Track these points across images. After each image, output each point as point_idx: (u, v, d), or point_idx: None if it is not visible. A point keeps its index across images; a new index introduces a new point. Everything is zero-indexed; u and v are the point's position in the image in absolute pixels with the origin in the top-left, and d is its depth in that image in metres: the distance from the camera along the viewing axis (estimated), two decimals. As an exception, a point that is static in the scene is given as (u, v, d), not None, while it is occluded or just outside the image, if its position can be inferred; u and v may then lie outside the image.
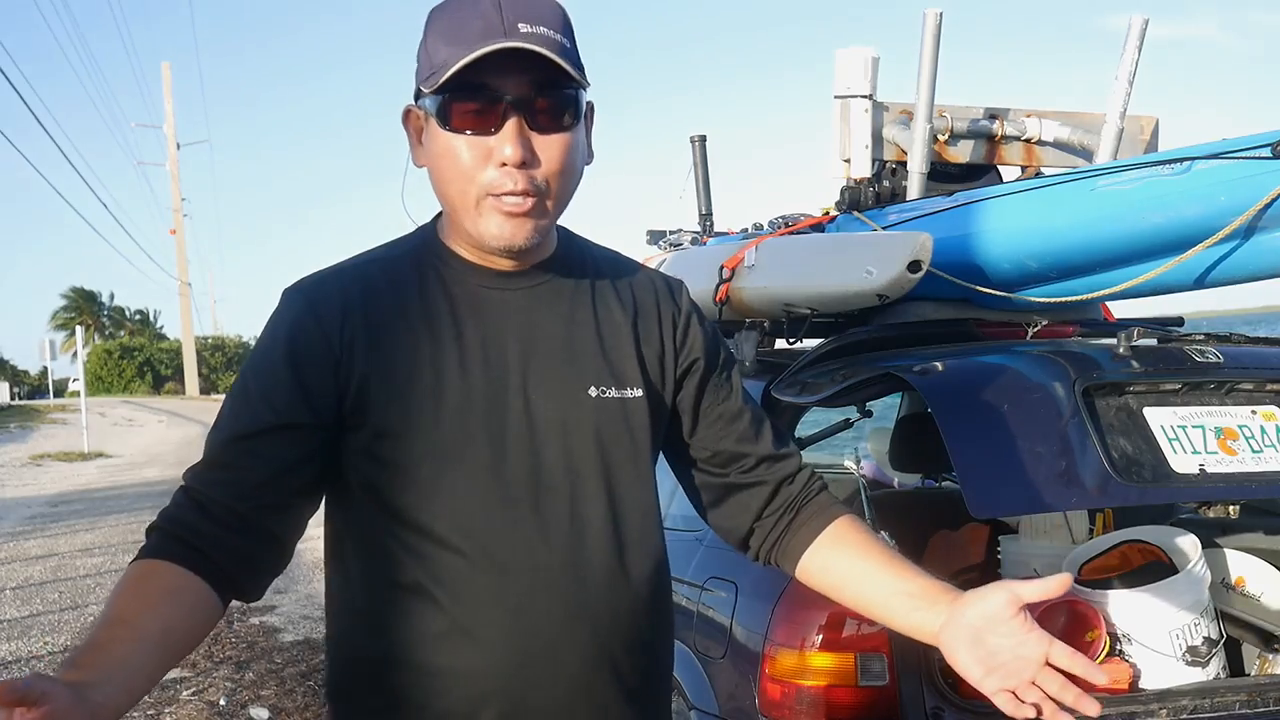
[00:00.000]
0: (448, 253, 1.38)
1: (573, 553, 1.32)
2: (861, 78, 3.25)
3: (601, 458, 1.35)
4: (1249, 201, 2.19)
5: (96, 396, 44.97)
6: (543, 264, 1.39)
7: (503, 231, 1.29)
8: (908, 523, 2.93)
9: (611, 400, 1.37)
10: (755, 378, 2.78)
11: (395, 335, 1.32)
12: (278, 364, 1.31)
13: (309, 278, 1.38)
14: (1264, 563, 2.70)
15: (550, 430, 1.33)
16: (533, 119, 1.27)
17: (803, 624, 2.25)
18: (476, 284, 1.36)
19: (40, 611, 6.77)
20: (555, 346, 1.36)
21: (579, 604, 1.31)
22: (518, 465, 1.31)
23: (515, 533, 1.30)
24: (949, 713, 2.19)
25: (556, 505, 1.32)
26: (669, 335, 1.46)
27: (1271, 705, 2.30)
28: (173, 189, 43.72)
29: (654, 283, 1.49)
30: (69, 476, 15.93)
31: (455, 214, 1.33)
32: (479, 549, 1.29)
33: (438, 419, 1.30)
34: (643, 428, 1.39)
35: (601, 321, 1.40)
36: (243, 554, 1.28)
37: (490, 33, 1.22)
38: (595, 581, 1.32)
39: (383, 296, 1.34)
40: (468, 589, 1.29)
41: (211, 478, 1.29)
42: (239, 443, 1.29)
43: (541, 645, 1.30)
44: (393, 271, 1.37)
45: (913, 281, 2.59)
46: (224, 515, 1.27)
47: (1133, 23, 3.14)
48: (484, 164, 1.27)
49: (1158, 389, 2.37)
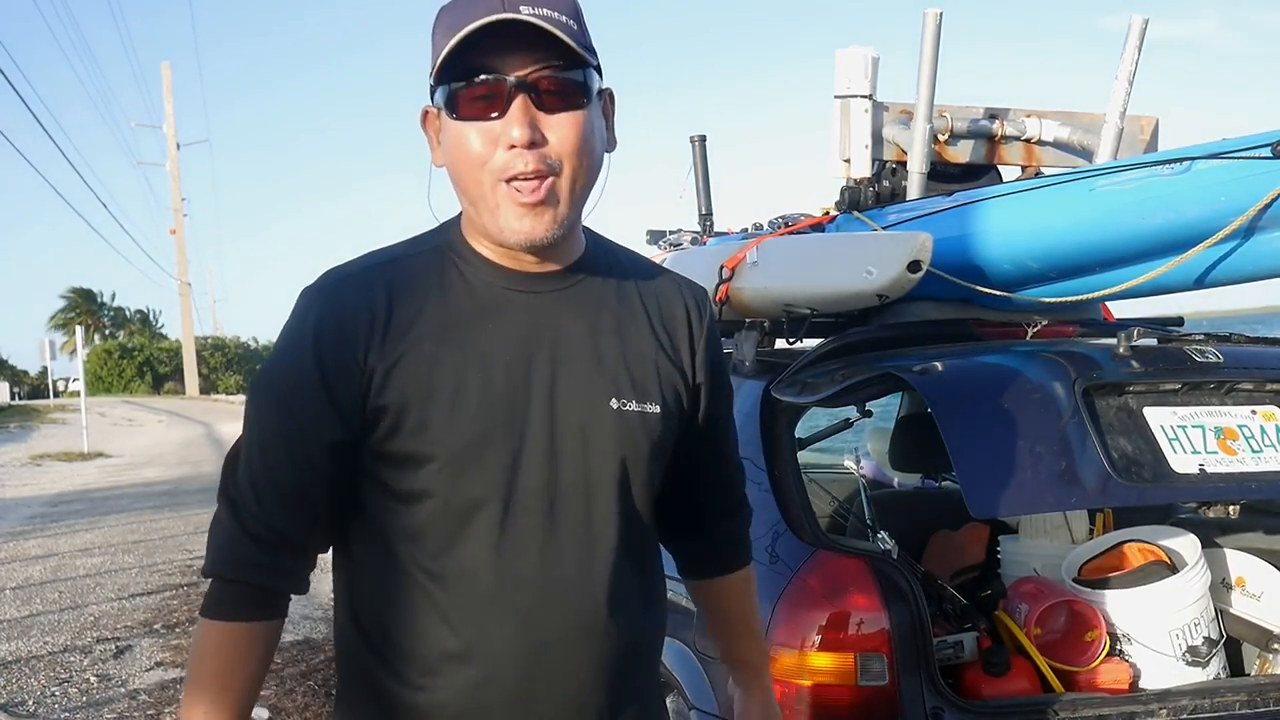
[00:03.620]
0: (471, 252, 1.34)
1: (583, 566, 1.30)
2: (861, 78, 3.25)
3: (618, 471, 1.33)
4: (1249, 201, 2.20)
5: (96, 396, 44.96)
6: (570, 267, 1.36)
7: (522, 225, 1.26)
8: (908, 523, 2.93)
9: (632, 414, 1.34)
10: (755, 378, 2.78)
11: (417, 339, 1.29)
12: (307, 384, 1.29)
13: (329, 276, 1.34)
14: (1264, 563, 2.70)
15: (570, 441, 1.30)
16: (539, 99, 1.24)
17: (803, 624, 2.24)
18: (502, 286, 1.32)
19: (40, 611, 6.77)
20: (580, 354, 1.33)
21: (589, 617, 1.30)
22: (535, 475, 1.29)
23: (528, 544, 1.28)
24: (949, 713, 2.19)
25: (570, 517, 1.30)
26: (689, 354, 1.43)
27: (1271, 705, 2.30)
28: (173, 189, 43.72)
29: (680, 291, 1.46)
30: (69, 476, 15.91)
31: (474, 209, 1.30)
32: (489, 558, 1.27)
33: (455, 425, 1.27)
34: (658, 443, 1.37)
35: (626, 330, 1.37)
36: (302, 571, 1.35)
37: (491, 13, 1.21)
38: (605, 597, 1.31)
39: (406, 298, 1.31)
40: (478, 600, 1.28)
41: (260, 514, 1.30)
42: (282, 494, 1.30)
43: (549, 657, 1.29)
44: (417, 271, 1.33)
45: (913, 281, 2.59)
46: (281, 544, 1.31)
47: (1133, 23, 3.14)
48: (494, 149, 1.24)
49: (1158, 389, 2.37)
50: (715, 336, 1.48)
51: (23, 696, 4.96)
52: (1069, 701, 2.27)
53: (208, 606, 1.31)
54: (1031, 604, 2.48)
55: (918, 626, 2.21)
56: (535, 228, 1.26)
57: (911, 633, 2.21)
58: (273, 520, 1.29)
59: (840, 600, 2.26)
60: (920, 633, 2.21)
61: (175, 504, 11.52)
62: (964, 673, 2.37)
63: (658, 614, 1.44)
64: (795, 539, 2.39)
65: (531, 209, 1.25)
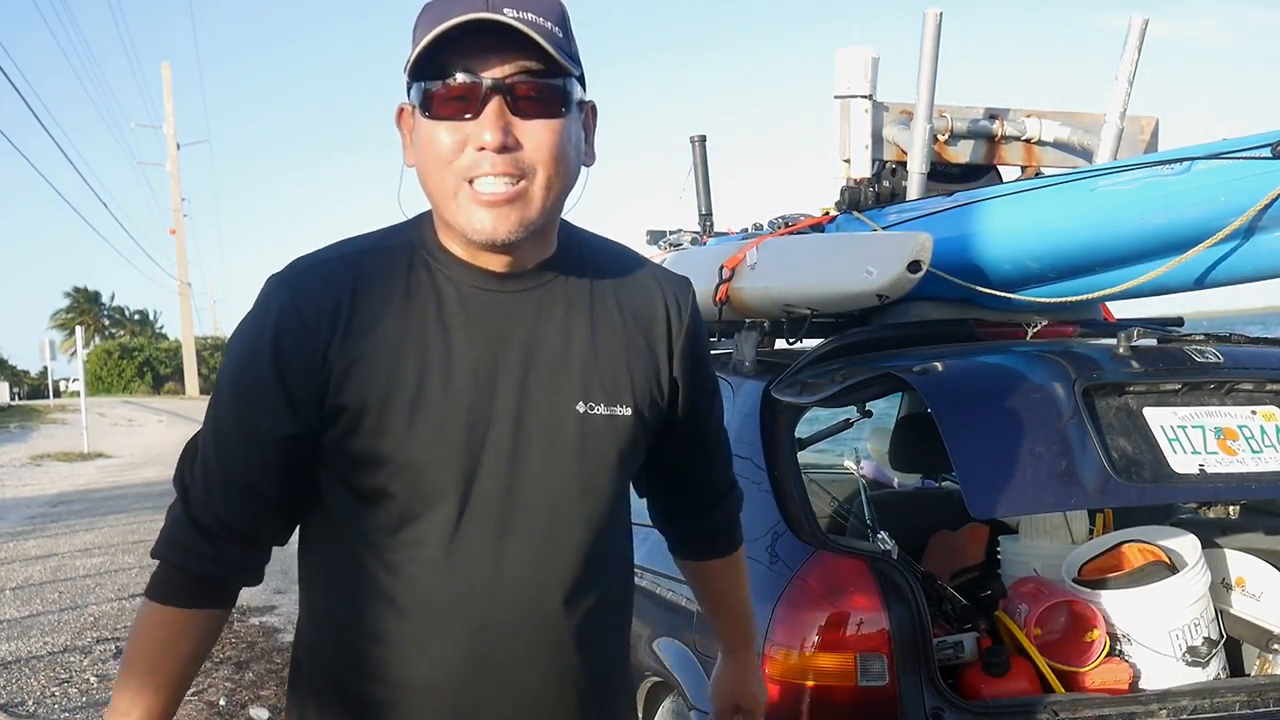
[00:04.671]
0: (441, 250, 1.32)
1: (541, 570, 1.28)
2: (861, 78, 3.25)
3: (582, 476, 1.30)
4: (1249, 202, 2.20)
5: (96, 396, 44.95)
6: (539, 266, 1.33)
7: (484, 224, 1.23)
8: (908, 523, 2.93)
9: (599, 417, 1.31)
10: (755, 378, 2.78)
11: (381, 335, 1.27)
12: (264, 377, 1.27)
13: (296, 265, 1.32)
14: (1264, 563, 2.70)
15: (533, 445, 1.28)
16: (515, 104, 1.22)
17: (803, 624, 2.24)
18: (470, 285, 1.30)
19: (40, 611, 6.77)
20: (547, 357, 1.31)
21: (544, 622, 1.28)
22: (494, 479, 1.27)
23: (483, 546, 1.26)
24: (949, 713, 2.19)
25: (531, 521, 1.28)
26: (665, 352, 1.40)
27: (1271, 705, 2.30)
28: (173, 189, 43.65)
29: (660, 286, 1.42)
30: (69, 476, 15.91)
31: (438, 207, 1.28)
32: (445, 561, 1.26)
33: (414, 425, 1.25)
34: (627, 447, 1.34)
35: (598, 332, 1.34)
36: (249, 562, 1.34)
37: (472, 11, 1.19)
38: (562, 600, 1.29)
39: (371, 292, 1.29)
40: (431, 600, 1.26)
41: (210, 504, 1.30)
42: (233, 485, 1.30)
43: (502, 661, 1.27)
44: (384, 266, 1.31)
45: (913, 281, 2.59)
46: (228, 535, 1.31)
47: (1133, 23, 3.14)
48: (462, 149, 1.22)
49: (1158, 389, 2.37)
50: (698, 331, 1.44)
51: (23, 696, 4.96)
52: (1069, 702, 2.27)
53: (150, 587, 1.34)
54: (1031, 604, 2.47)
55: (918, 627, 2.21)
56: (499, 226, 1.23)
57: (911, 633, 2.21)
58: (221, 511, 1.30)
59: (840, 600, 2.26)
60: (920, 633, 2.21)
61: (175, 504, 11.51)
62: (964, 673, 2.37)
63: (620, 620, 1.41)
64: (795, 539, 2.39)
65: (495, 207, 1.23)
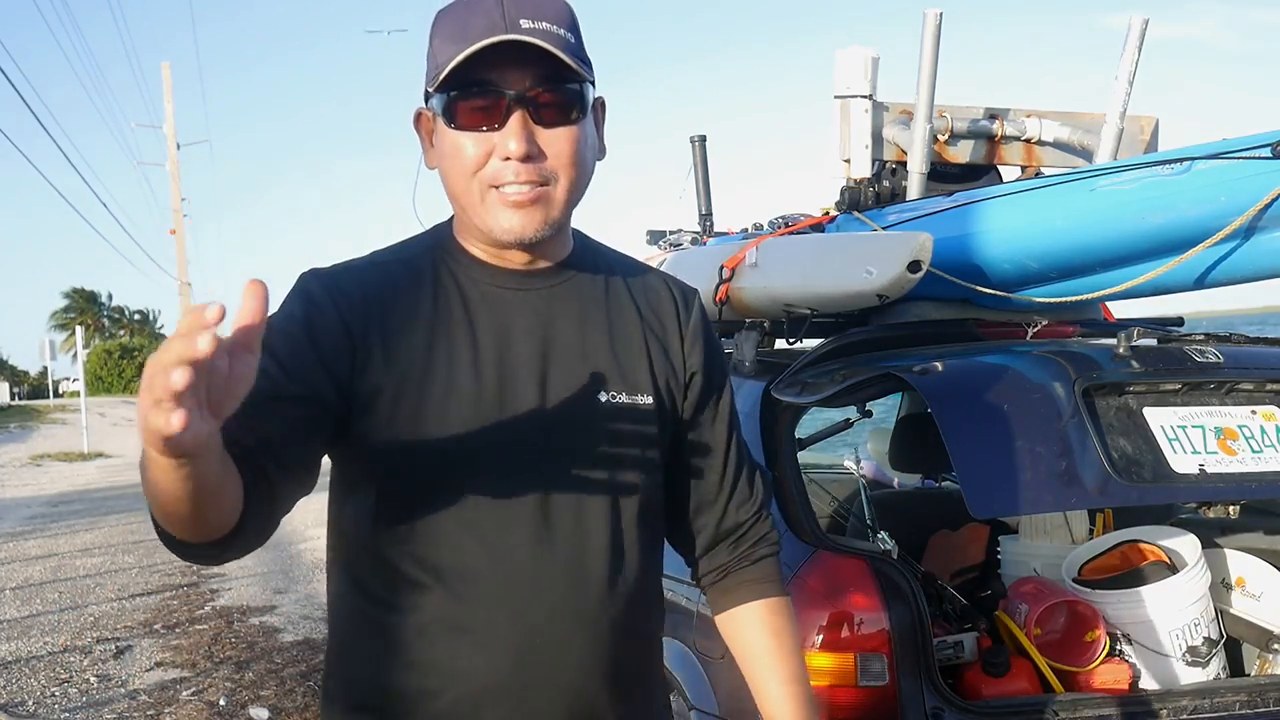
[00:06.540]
0: (462, 252, 1.38)
1: (576, 557, 1.31)
2: (861, 78, 3.25)
3: (609, 464, 1.35)
4: (1249, 202, 2.20)
5: (96, 396, 44.94)
6: (559, 265, 1.39)
7: (512, 224, 1.29)
8: (908, 523, 2.93)
9: (623, 406, 1.36)
10: (755, 378, 2.78)
11: (410, 333, 1.32)
12: (297, 333, 1.27)
13: (326, 268, 1.37)
14: (1264, 563, 2.70)
15: (560, 434, 1.32)
16: (537, 113, 1.27)
17: (802, 624, 2.24)
18: (491, 284, 1.36)
19: (40, 611, 6.77)
20: (569, 350, 1.36)
21: (580, 608, 1.31)
22: (526, 468, 1.31)
23: (521, 535, 1.30)
24: (949, 713, 2.19)
25: (563, 509, 1.32)
26: (679, 345, 1.45)
27: (1271, 705, 2.30)
28: (173, 189, 43.63)
29: (669, 289, 1.48)
30: (69, 476, 15.93)
31: (465, 212, 1.33)
32: (483, 550, 1.29)
33: (446, 418, 1.29)
34: (651, 435, 1.39)
35: (615, 326, 1.40)
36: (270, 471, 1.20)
37: (492, 29, 1.24)
38: (597, 587, 1.32)
39: (399, 294, 1.34)
40: (470, 589, 1.29)
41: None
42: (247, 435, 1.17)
43: (542, 647, 1.30)
44: (409, 270, 1.36)
45: (913, 281, 2.59)
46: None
47: (1133, 23, 3.14)
48: (487, 158, 1.28)
49: (1158, 389, 2.37)
50: (708, 329, 1.49)
51: (23, 696, 4.96)
52: (1069, 701, 2.27)
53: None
54: (1031, 604, 2.48)
55: (918, 627, 2.21)
56: (525, 226, 1.29)
57: (911, 633, 2.21)
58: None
59: (840, 600, 2.26)
60: (920, 633, 2.21)
61: (175, 504, 11.51)
62: (964, 673, 2.38)
63: (657, 613, 1.44)
64: (795, 539, 2.39)
65: (521, 208, 1.28)
